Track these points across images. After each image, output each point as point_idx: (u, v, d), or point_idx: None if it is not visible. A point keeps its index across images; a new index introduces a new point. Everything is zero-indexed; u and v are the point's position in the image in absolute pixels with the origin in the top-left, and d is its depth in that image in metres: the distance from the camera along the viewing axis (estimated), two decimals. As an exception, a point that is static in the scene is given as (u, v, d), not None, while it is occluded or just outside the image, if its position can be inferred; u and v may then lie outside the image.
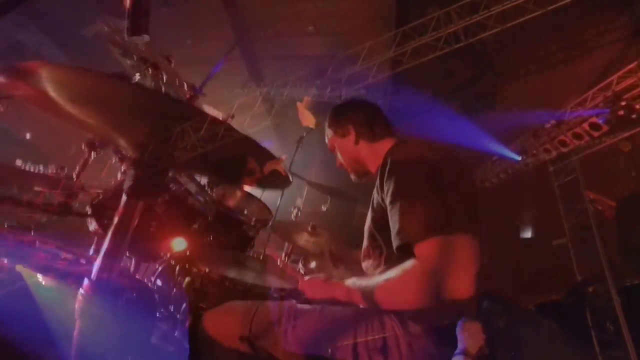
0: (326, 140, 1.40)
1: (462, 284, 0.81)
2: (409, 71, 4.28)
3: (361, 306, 1.02)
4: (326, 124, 1.38)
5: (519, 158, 4.87)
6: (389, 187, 0.98)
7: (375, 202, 1.12)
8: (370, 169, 1.31)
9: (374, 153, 1.26)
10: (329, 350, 0.96)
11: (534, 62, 4.48)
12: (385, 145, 1.24)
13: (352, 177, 1.40)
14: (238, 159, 1.15)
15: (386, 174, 1.01)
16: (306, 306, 1.07)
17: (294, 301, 1.10)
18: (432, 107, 4.74)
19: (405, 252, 0.89)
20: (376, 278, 0.98)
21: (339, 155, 1.37)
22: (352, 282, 1.04)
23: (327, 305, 1.06)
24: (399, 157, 1.03)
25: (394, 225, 0.93)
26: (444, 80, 4.71)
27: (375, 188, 1.11)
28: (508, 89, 4.75)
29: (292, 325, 1.00)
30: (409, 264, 0.88)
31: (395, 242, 0.92)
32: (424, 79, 4.66)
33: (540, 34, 4.10)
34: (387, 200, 0.98)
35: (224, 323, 1.07)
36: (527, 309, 3.37)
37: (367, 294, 0.97)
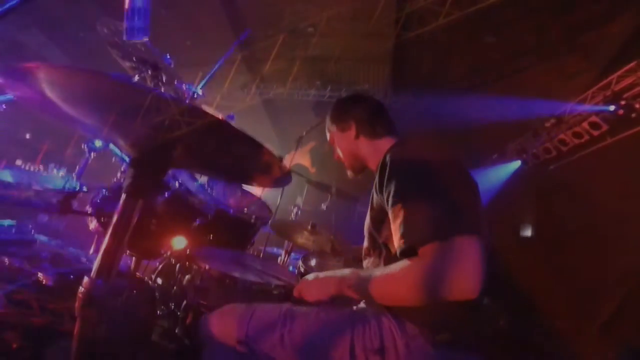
0: (326, 132, 1.39)
1: (462, 285, 0.79)
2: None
3: (355, 298, 1.01)
4: (328, 117, 1.37)
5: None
6: (389, 190, 0.96)
7: (374, 201, 1.11)
8: (368, 166, 1.30)
9: (374, 150, 1.25)
10: (326, 353, 0.96)
11: None
12: (385, 143, 1.22)
13: (349, 173, 1.38)
14: (242, 159, 1.14)
15: (386, 175, 1.00)
16: (303, 309, 1.07)
17: (290, 304, 1.10)
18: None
19: (409, 256, 0.88)
20: (374, 270, 0.97)
21: (337, 149, 1.36)
22: (347, 273, 1.03)
23: (323, 307, 1.06)
24: (400, 158, 1.01)
25: (396, 230, 0.92)
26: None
27: (374, 187, 1.10)
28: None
29: (288, 328, 1.00)
30: (409, 261, 0.88)
31: (398, 248, 0.90)
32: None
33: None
34: (389, 203, 0.96)
35: (223, 326, 1.07)
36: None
37: (362, 286, 0.95)
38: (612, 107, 3.89)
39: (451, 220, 0.85)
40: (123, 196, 0.86)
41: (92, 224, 1.56)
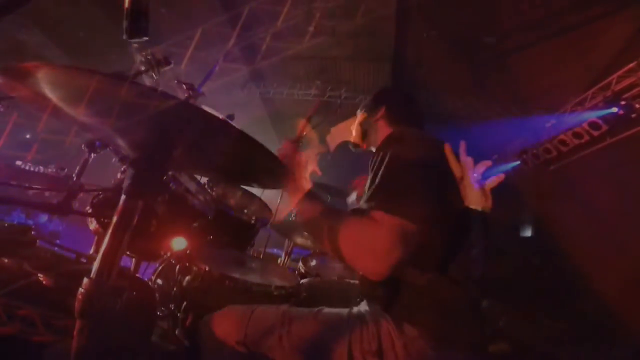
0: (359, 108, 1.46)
1: (370, 260, 0.85)
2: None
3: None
4: (372, 95, 1.45)
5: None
6: (373, 167, 1.03)
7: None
8: (369, 146, 1.39)
9: (383, 135, 1.28)
10: (324, 355, 0.96)
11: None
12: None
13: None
14: (242, 159, 1.14)
15: (374, 157, 1.06)
16: (301, 310, 1.07)
17: (288, 305, 1.10)
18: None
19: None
20: (347, 219, 0.95)
21: (357, 122, 1.43)
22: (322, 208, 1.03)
23: (322, 309, 1.06)
24: (387, 141, 1.08)
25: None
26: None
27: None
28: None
29: (286, 330, 1.00)
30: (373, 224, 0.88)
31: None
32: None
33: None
34: (370, 179, 1.02)
35: (222, 327, 1.07)
36: None
37: (333, 229, 0.93)
38: (614, 109, 3.89)
39: (393, 200, 0.89)
40: (123, 197, 0.85)
41: (92, 225, 1.55)
